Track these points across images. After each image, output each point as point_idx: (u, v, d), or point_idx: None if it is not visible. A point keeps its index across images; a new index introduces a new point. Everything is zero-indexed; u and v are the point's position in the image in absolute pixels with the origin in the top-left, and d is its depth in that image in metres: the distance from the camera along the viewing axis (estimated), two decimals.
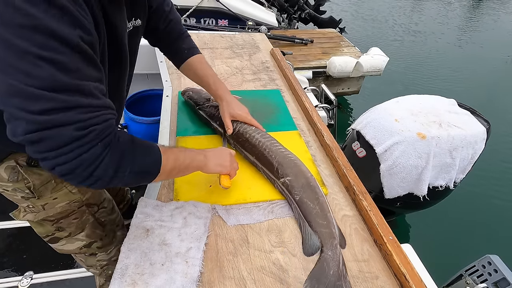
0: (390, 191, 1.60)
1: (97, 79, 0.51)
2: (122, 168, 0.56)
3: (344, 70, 3.10)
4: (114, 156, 0.54)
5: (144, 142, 0.65)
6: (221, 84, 1.06)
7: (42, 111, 0.44)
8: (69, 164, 0.50)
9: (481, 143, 1.56)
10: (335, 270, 0.73)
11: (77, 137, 0.48)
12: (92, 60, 0.49)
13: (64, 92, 0.45)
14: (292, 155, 0.97)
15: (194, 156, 0.77)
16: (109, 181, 0.55)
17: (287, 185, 0.90)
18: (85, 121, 0.48)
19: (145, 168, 0.63)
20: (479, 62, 5.20)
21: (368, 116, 1.68)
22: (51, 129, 0.46)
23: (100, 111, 0.51)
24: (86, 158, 0.50)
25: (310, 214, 0.84)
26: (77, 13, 0.44)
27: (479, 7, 8.46)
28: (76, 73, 0.46)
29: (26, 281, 1.48)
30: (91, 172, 0.52)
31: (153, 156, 0.65)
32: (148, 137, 1.96)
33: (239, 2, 3.77)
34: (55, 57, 0.43)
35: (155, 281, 0.69)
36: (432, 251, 2.13)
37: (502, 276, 1.24)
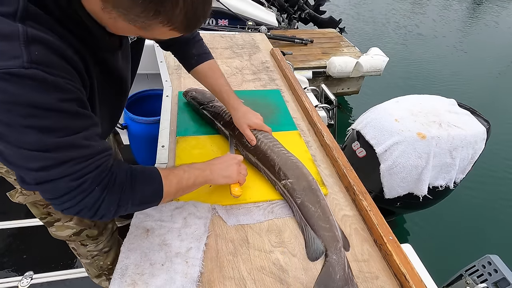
0: (390, 191, 1.60)
1: (87, 127, 0.54)
2: (123, 203, 0.60)
3: (344, 70, 3.10)
4: (113, 196, 0.58)
5: (144, 171, 0.66)
6: (232, 93, 1.04)
7: (39, 168, 0.50)
8: (73, 208, 0.56)
9: (481, 143, 1.56)
10: (342, 274, 0.73)
11: (73, 187, 0.53)
12: (78, 114, 0.52)
13: (54, 151, 0.49)
14: (294, 158, 0.96)
15: (199, 173, 0.77)
16: (114, 215, 0.61)
17: (289, 187, 0.89)
18: (78, 172, 0.53)
19: (147, 199, 0.66)
20: (479, 62, 5.20)
21: (368, 116, 1.68)
22: (49, 182, 0.51)
23: (92, 158, 0.55)
24: (87, 202, 0.55)
25: (312, 218, 0.83)
26: (52, 78, 0.46)
27: (479, 8, 8.46)
28: (62, 131, 0.50)
29: (26, 281, 1.48)
30: (95, 212, 0.57)
31: (153, 185, 0.66)
32: (148, 137, 1.97)
33: (239, 2, 3.77)
34: (37, 123, 0.47)
35: (155, 281, 0.69)
36: (432, 251, 2.13)
37: (502, 276, 1.24)
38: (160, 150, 1.05)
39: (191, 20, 0.49)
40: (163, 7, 0.44)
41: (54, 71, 0.47)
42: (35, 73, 0.44)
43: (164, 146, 1.07)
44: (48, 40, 0.47)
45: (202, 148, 1.07)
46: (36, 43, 0.45)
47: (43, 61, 0.46)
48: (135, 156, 2.20)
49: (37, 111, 0.46)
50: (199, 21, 0.51)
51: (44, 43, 0.46)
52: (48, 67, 0.46)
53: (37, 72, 0.45)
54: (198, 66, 1.03)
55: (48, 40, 0.47)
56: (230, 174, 0.83)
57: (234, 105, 1.02)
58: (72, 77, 0.50)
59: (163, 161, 1.01)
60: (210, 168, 0.80)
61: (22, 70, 0.43)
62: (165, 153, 1.04)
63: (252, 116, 1.01)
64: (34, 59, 0.44)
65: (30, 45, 0.44)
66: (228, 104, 1.03)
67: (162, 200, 0.68)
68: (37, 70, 0.45)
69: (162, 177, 0.67)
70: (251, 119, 1.01)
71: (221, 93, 1.03)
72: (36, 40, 0.45)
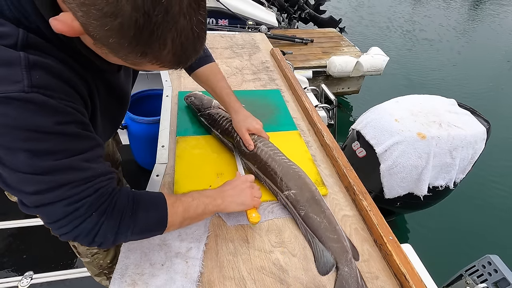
0: (390, 191, 1.60)
1: (88, 149, 0.53)
2: (122, 230, 0.58)
3: (344, 69, 3.10)
4: (111, 222, 0.56)
5: (148, 197, 0.63)
6: (233, 96, 1.02)
7: (35, 192, 0.49)
8: (70, 234, 0.54)
9: (481, 143, 1.56)
10: (356, 287, 0.72)
11: (69, 211, 0.52)
12: (78, 136, 0.52)
13: (50, 173, 0.49)
14: (296, 167, 0.93)
15: (209, 201, 0.73)
16: (113, 242, 0.58)
17: (292, 199, 0.86)
18: (75, 195, 0.51)
19: (149, 227, 0.63)
20: (479, 61, 5.20)
21: (368, 116, 1.68)
22: (46, 206, 0.51)
23: (90, 182, 0.53)
24: (83, 228, 0.54)
25: (318, 229, 0.80)
26: (52, 101, 0.47)
27: (479, 7, 8.46)
28: (61, 154, 0.49)
29: (26, 281, 1.48)
30: (92, 238, 0.55)
31: (157, 212, 0.63)
32: (148, 137, 1.97)
33: (239, 2, 3.77)
34: (35, 147, 0.47)
35: (155, 281, 0.69)
36: (432, 251, 2.13)
37: (502, 276, 1.24)
38: (160, 150, 1.05)
39: (181, 58, 0.48)
40: (150, 49, 0.43)
41: (55, 94, 0.48)
42: (35, 97, 0.45)
43: (164, 146, 1.07)
44: (49, 65, 0.48)
45: (202, 148, 1.07)
46: (37, 68, 0.46)
47: (44, 85, 0.46)
48: (135, 156, 2.20)
49: (36, 135, 0.47)
50: (190, 59, 0.49)
51: (45, 67, 0.47)
52: (49, 90, 0.47)
53: (38, 96, 0.45)
54: (199, 69, 1.01)
55: (49, 65, 0.48)
56: (243, 201, 0.79)
57: (235, 108, 1.00)
58: (74, 100, 0.51)
59: (163, 161, 1.01)
60: (222, 196, 0.76)
61: (22, 94, 0.44)
62: (165, 153, 1.04)
63: (252, 121, 0.99)
64: (35, 83, 0.45)
65: (31, 70, 0.45)
66: (229, 106, 1.01)
67: (166, 230, 0.65)
68: (37, 94, 0.45)
69: (168, 204, 0.64)
70: (251, 123, 0.99)
71: (222, 96, 1.01)
72: (37, 65, 0.46)
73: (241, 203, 0.78)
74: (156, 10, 0.39)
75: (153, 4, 0.39)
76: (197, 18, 0.44)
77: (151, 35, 0.41)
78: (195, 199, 0.71)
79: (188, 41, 0.45)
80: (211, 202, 0.73)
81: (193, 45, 0.46)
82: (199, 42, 0.47)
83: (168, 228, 0.64)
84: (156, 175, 0.96)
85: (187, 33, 0.44)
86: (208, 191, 0.76)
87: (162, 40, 0.42)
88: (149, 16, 0.39)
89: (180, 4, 0.41)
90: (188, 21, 0.43)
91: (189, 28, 0.44)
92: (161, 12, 0.40)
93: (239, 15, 3.69)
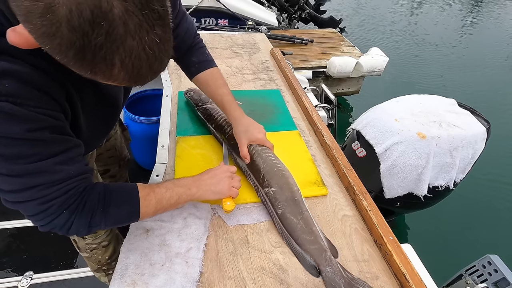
0: (390, 191, 1.60)
1: (62, 151, 0.55)
2: (94, 224, 0.62)
3: (344, 70, 3.10)
4: (82, 219, 0.60)
5: (121, 191, 0.66)
6: (234, 103, 0.99)
7: (11, 190, 0.53)
8: (46, 226, 0.59)
9: (481, 143, 1.56)
10: (343, 282, 0.72)
11: (41, 210, 0.56)
12: (50, 141, 0.53)
13: (22, 176, 0.52)
14: (282, 165, 0.92)
15: (183, 191, 0.74)
16: (87, 233, 0.63)
17: (271, 196, 0.86)
18: (45, 196, 0.55)
19: (122, 220, 0.67)
20: (480, 61, 5.20)
21: (368, 116, 1.68)
22: (20, 203, 0.55)
23: (61, 183, 0.56)
24: (56, 223, 0.58)
25: (295, 231, 0.80)
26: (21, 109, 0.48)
27: (479, 7, 8.46)
28: (31, 158, 0.52)
29: (26, 281, 1.48)
30: (67, 231, 0.60)
31: (129, 207, 0.66)
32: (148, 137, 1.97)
33: (239, 2, 3.77)
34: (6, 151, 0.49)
35: (155, 281, 0.69)
36: (432, 251, 2.13)
37: (502, 276, 1.24)
38: (160, 150, 1.05)
39: (136, 77, 0.46)
40: (97, 68, 0.42)
41: (25, 102, 0.48)
42: (4, 106, 0.46)
43: (164, 146, 1.07)
44: (20, 72, 0.48)
45: (202, 148, 1.07)
46: (6, 76, 0.46)
47: (13, 93, 0.47)
48: (135, 156, 2.20)
49: (6, 140, 0.48)
50: (147, 78, 0.47)
51: (16, 75, 0.47)
52: (18, 98, 0.47)
53: (6, 105, 0.46)
54: (199, 74, 0.99)
55: (20, 72, 0.48)
56: (220, 190, 0.79)
57: (236, 117, 0.97)
58: (47, 105, 0.51)
59: (163, 161, 1.01)
60: (198, 184, 0.77)
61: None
62: (165, 153, 1.04)
63: (254, 130, 0.95)
64: (4, 92, 0.46)
65: (1, 78, 0.46)
66: (230, 115, 0.98)
67: (140, 219, 0.68)
68: (6, 102, 0.46)
69: (141, 197, 0.67)
70: (253, 134, 0.94)
71: (222, 103, 0.98)
72: (7, 73, 0.46)
73: (218, 191, 0.79)
74: (95, 32, 0.38)
75: (92, 26, 0.38)
76: (151, 38, 0.42)
77: (94, 56, 0.40)
78: (169, 189, 0.72)
79: (141, 61, 0.43)
80: (185, 191, 0.74)
81: (147, 65, 0.44)
82: (157, 62, 0.45)
83: (141, 218, 0.68)
84: (156, 175, 0.96)
85: (138, 53, 0.42)
86: (184, 180, 0.76)
87: (109, 60, 0.41)
88: (88, 37, 0.38)
89: (126, 26, 0.39)
90: (139, 41, 0.41)
91: (141, 49, 0.42)
92: (101, 34, 0.38)
93: (239, 15, 3.69)
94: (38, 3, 0.37)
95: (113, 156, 1.28)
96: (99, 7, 0.37)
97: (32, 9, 0.37)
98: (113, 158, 1.29)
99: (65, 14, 0.37)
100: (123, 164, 1.37)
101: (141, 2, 0.40)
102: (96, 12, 0.37)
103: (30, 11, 0.37)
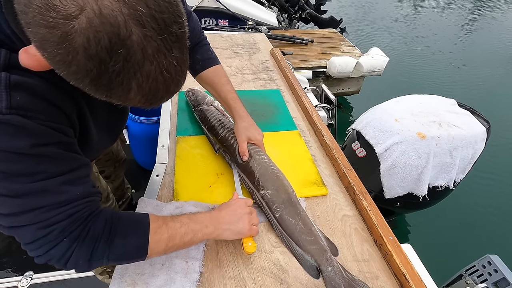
0: (390, 191, 1.60)
1: (67, 171, 0.52)
2: (96, 257, 0.56)
3: (344, 70, 3.10)
4: (83, 249, 0.54)
5: (130, 222, 0.60)
6: (239, 101, 0.99)
7: (9, 214, 0.48)
8: (42, 257, 0.53)
9: (481, 143, 1.56)
10: (343, 282, 0.72)
11: (39, 236, 0.51)
12: (57, 157, 0.50)
13: (22, 196, 0.48)
14: (275, 168, 0.91)
15: (199, 229, 0.68)
16: (87, 268, 0.57)
17: (268, 199, 0.84)
18: (46, 220, 0.50)
19: (127, 255, 0.60)
20: (480, 61, 5.19)
21: (368, 116, 1.68)
22: (17, 228, 0.50)
23: (65, 206, 0.52)
24: (53, 254, 0.53)
25: (294, 232, 0.79)
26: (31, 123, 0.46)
27: (479, 7, 8.46)
28: (36, 176, 0.48)
29: (26, 281, 1.48)
30: (64, 264, 0.54)
31: (138, 240, 0.60)
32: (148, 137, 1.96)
33: (239, 2, 3.77)
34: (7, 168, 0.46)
35: (155, 281, 0.69)
36: (432, 251, 2.13)
37: (502, 276, 1.24)
38: (160, 150, 1.05)
39: (152, 100, 0.45)
40: (113, 93, 0.42)
41: (35, 115, 0.46)
42: (13, 119, 0.44)
43: (164, 146, 1.07)
44: (32, 85, 0.47)
45: (202, 148, 1.07)
46: (19, 88, 0.45)
47: (24, 106, 0.45)
48: (135, 156, 2.20)
49: (11, 156, 0.46)
50: (163, 100, 0.47)
51: (28, 87, 0.46)
52: (29, 111, 0.46)
53: (14, 118, 0.44)
54: (203, 72, 0.99)
55: (32, 85, 0.47)
56: (240, 230, 0.73)
57: (240, 114, 0.97)
58: (57, 120, 0.50)
59: (163, 161, 1.01)
60: (216, 222, 0.71)
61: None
62: (165, 153, 1.04)
63: (255, 131, 0.96)
64: (14, 105, 0.44)
65: (12, 91, 0.44)
66: (235, 111, 0.98)
67: (148, 257, 0.61)
68: (16, 115, 0.44)
69: (151, 230, 0.61)
70: (253, 133, 0.95)
71: (227, 100, 0.98)
72: (19, 86, 0.45)
73: (238, 232, 0.73)
74: (112, 60, 0.37)
75: (109, 53, 0.37)
76: (169, 61, 0.41)
77: (110, 82, 0.39)
78: (184, 225, 0.66)
79: (158, 84, 0.42)
80: (202, 229, 0.69)
81: (165, 87, 0.44)
82: (173, 83, 0.44)
83: (149, 255, 0.61)
84: (156, 175, 0.96)
85: (155, 77, 0.41)
86: (202, 216, 0.71)
87: (126, 85, 0.40)
88: (105, 65, 0.37)
89: (144, 51, 0.38)
90: (156, 66, 0.40)
91: (158, 73, 0.41)
92: (119, 61, 0.38)
93: (239, 16, 3.69)
94: (54, 31, 0.35)
95: (110, 160, 1.30)
96: (118, 35, 0.36)
97: (48, 37, 0.36)
98: (110, 161, 1.31)
99: (82, 42, 0.36)
100: (118, 166, 1.38)
101: (160, 27, 0.39)
102: (114, 39, 0.36)
103: (46, 39, 0.36)
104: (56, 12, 0.35)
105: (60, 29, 0.35)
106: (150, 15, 0.38)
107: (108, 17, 0.35)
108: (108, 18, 0.35)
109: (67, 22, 0.35)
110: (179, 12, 0.41)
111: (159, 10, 0.38)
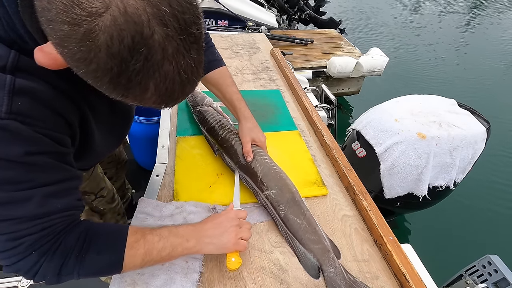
0: (390, 191, 1.60)
1: (53, 182, 0.51)
2: (65, 272, 0.54)
3: (344, 70, 3.10)
4: (51, 264, 0.53)
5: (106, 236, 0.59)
6: (243, 102, 1.00)
7: None
8: (11, 268, 0.52)
9: (481, 143, 1.56)
10: (344, 283, 0.72)
11: (9, 247, 0.50)
12: (47, 167, 0.49)
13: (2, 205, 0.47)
14: (278, 167, 0.91)
15: (179, 243, 0.64)
16: (57, 282, 0.55)
17: (272, 199, 0.85)
18: (16, 232, 0.49)
19: (99, 270, 0.58)
20: (480, 61, 5.20)
21: (368, 116, 1.68)
22: None
23: (39, 219, 0.50)
24: (21, 266, 0.52)
25: (298, 231, 0.79)
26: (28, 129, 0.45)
27: (479, 7, 8.47)
28: (22, 184, 0.47)
29: (26, 281, 1.48)
30: (32, 276, 0.53)
31: (111, 256, 0.58)
32: (148, 137, 1.96)
33: (239, 3, 3.77)
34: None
35: (155, 281, 0.69)
36: (432, 251, 2.13)
37: (502, 276, 1.24)
38: (160, 150, 1.05)
39: (168, 100, 0.45)
40: (130, 93, 0.41)
41: (34, 122, 0.46)
42: (10, 124, 0.44)
43: (164, 146, 1.07)
44: (36, 90, 0.46)
45: (202, 148, 1.07)
46: (22, 93, 0.45)
47: (24, 112, 0.45)
48: (135, 156, 2.20)
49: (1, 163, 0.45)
50: (178, 100, 0.46)
51: (31, 93, 0.46)
52: (28, 118, 0.45)
53: (12, 123, 0.44)
54: (209, 74, 0.99)
55: (36, 90, 0.46)
56: (224, 244, 0.68)
57: (245, 115, 0.98)
58: (56, 128, 0.49)
59: (163, 161, 1.01)
60: (198, 235, 0.67)
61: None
62: (165, 153, 1.04)
63: (258, 132, 0.97)
64: (14, 110, 0.44)
65: (15, 96, 0.44)
66: (240, 112, 0.98)
67: (123, 271, 0.60)
68: (14, 121, 0.44)
69: (128, 245, 0.59)
70: (257, 134, 0.96)
71: (232, 101, 0.99)
72: (23, 91, 0.45)
73: (221, 246, 0.68)
74: (134, 59, 0.37)
75: (131, 52, 0.37)
76: (186, 62, 0.41)
77: (129, 81, 0.39)
78: (163, 239, 0.63)
79: (175, 85, 0.42)
80: (182, 243, 0.65)
81: (181, 88, 0.43)
82: (189, 84, 0.44)
83: (125, 270, 0.60)
84: (156, 175, 0.96)
85: (173, 77, 0.41)
86: (183, 229, 0.67)
87: (144, 85, 0.40)
88: (126, 64, 0.37)
89: (164, 51, 0.38)
90: (175, 66, 0.40)
91: (176, 73, 0.41)
92: (140, 60, 0.38)
93: (239, 16, 3.69)
94: (78, 28, 0.35)
95: (112, 161, 1.31)
96: (141, 33, 0.36)
97: (71, 34, 0.36)
98: (112, 163, 1.31)
99: (105, 40, 0.36)
100: (120, 167, 1.38)
101: (181, 27, 0.39)
102: (137, 38, 0.36)
103: (68, 36, 0.36)
104: (82, 9, 0.35)
105: (84, 26, 0.35)
106: (172, 15, 0.38)
107: (132, 15, 0.35)
108: (132, 17, 0.35)
109: (91, 19, 0.35)
110: (198, 14, 0.41)
111: (181, 11, 0.38)
